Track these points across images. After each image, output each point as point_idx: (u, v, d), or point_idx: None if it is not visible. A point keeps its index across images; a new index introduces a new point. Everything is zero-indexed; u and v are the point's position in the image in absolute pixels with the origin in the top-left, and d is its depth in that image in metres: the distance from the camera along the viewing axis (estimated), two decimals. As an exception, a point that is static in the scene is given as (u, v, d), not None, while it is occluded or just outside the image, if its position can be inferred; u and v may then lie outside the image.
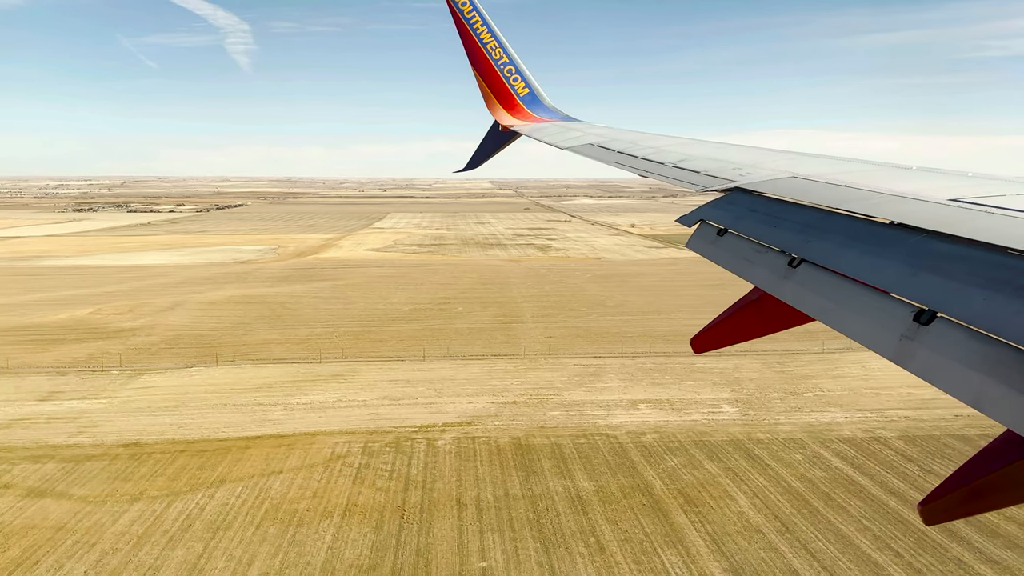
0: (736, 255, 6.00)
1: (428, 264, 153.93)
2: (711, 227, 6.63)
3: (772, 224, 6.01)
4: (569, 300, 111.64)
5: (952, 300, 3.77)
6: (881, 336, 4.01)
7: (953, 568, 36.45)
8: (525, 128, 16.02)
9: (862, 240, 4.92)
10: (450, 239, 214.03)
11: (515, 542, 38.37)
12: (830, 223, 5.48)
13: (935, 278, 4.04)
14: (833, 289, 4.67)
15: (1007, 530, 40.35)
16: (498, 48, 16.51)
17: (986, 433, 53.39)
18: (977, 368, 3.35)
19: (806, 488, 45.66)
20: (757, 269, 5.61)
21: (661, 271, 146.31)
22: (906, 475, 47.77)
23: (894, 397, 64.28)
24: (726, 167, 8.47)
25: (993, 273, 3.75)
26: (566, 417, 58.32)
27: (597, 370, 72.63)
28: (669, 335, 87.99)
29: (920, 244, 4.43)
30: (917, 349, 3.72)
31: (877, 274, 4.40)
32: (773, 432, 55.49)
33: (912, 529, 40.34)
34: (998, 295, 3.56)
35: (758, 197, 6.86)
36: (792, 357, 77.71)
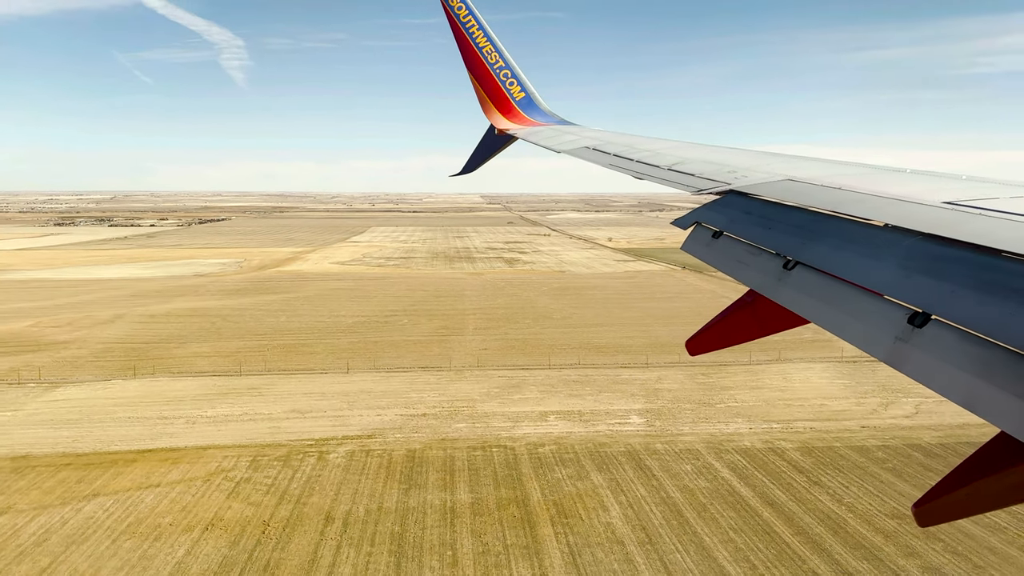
0: (731, 257, 6.02)
1: (388, 277, 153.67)
2: (706, 229, 6.65)
3: (767, 226, 6.03)
4: (516, 313, 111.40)
5: (946, 302, 3.76)
6: (875, 338, 4.01)
7: (803, 580, 36.14)
8: (521, 132, 16.04)
9: (857, 242, 4.92)
10: (421, 252, 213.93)
11: (369, 556, 37.94)
12: (825, 226, 5.49)
13: (929, 280, 4.04)
14: (827, 291, 4.67)
15: (872, 541, 40.07)
16: (494, 52, 16.55)
17: (887, 444, 53.33)
18: (971, 370, 3.35)
19: (684, 499, 45.32)
20: (752, 271, 5.62)
21: (619, 284, 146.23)
22: (790, 486, 47.45)
23: (806, 408, 64.10)
24: (721, 170, 8.46)
25: (987, 276, 3.75)
26: (470, 429, 57.95)
27: (520, 382, 72.31)
28: (605, 347, 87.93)
29: (914, 246, 4.44)
30: (911, 351, 3.72)
31: (871, 276, 4.40)
32: (672, 443, 55.19)
33: (776, 540, 40.05)
34: (992, 297, 3.55)
35: (753, 200, 6.86)
36: (718, 368, 77.49)
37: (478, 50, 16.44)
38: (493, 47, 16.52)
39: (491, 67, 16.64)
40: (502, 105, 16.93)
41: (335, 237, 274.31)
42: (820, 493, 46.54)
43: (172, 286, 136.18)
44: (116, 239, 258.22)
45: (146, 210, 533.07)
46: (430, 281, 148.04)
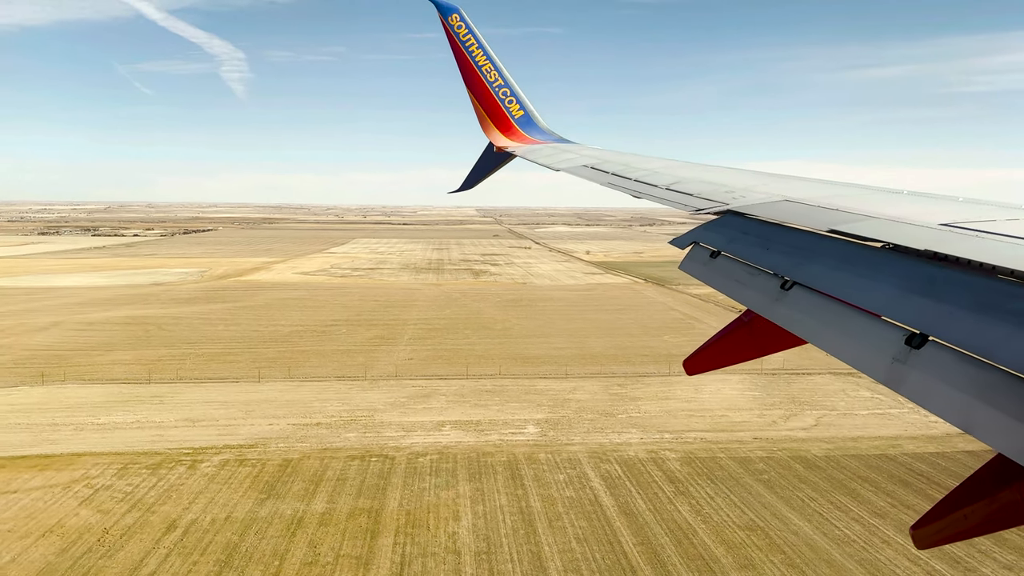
0: (729, 277, 5.99)
1: (346, 287, 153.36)
2: (704, 249, 6.65)
3: (764, 247, 6.03)
4: (459, 324, 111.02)
5: (943, 324, 3.76)
6: (872, 359, 4.00)
7: (623, 591, 35.62)
8: (520, 150, 16.12)
9: (854, 263, 4.92)
10: (392, 264, 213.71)
11: (193, 565, 37.42)
12: (822, 246, 5.49)
13: (926, 301, 4.04)
14: (825, 312, 4.66)
15: (712, 552, 39.56)
16: (493, 70, 16.65)
17: (773, 456, 52.91)
18: (968, 392, 3.33)
19: (543, 508, 44.82)
20: (749, 291, 5.60)
21: (575, 296, 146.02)
22: (656, 496, 46.96)
23: (706, 419, 63.67)
24: (719, 190, 8.50)
25: (984, 297, 3.75)
26: (359, 439, 57.47)
27: (432, 392, 71.87)
28: (533, 358, 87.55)
29: (911, 268, 4.44)
30: (908, 372, 3.71)
31: (869, 297, 4.39)
32: (556, 452, 54.70)
33: (616, 550, 39.55)
34: (989, 319, 3.55)
35: (751, 220, 6.88)
36: (635, 380, 77.14)
37: (477, 68, 16.58)
38: (492, 65, 16.67)
39: (490, 85, 16.78)
40: (501, 123, 17.06)
41: (313, 248, 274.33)
42: (682, 503, 46.04)
43: (124, 294, 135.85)
44: (93, 248, 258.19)
45: (136, 220, 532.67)
46: (386, 292, 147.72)
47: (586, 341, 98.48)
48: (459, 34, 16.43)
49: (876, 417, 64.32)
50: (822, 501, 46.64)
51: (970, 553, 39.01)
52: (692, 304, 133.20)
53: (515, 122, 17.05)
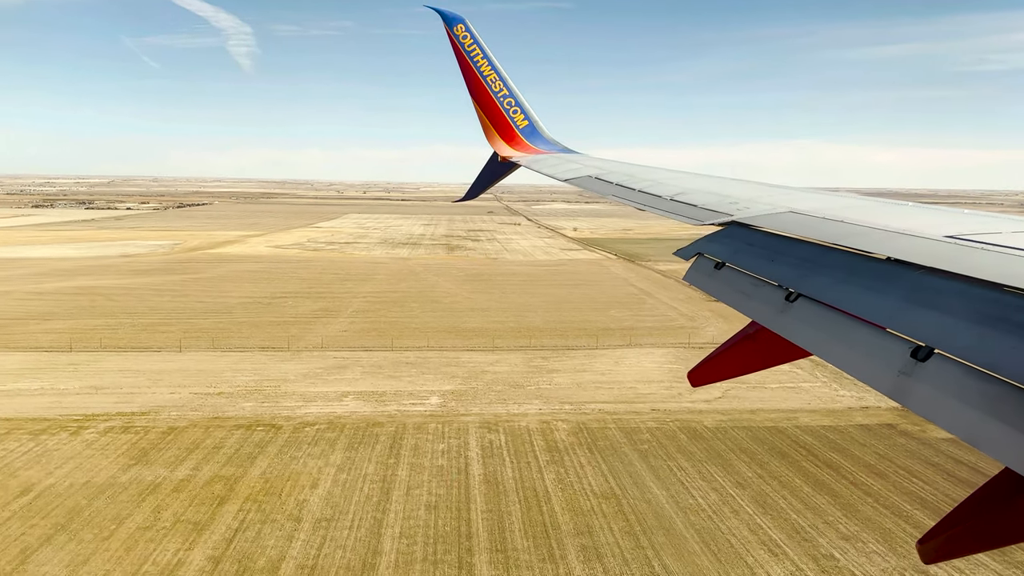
0: (733, 289, 6.00)
1: (312, 260, 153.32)
2: (708, 260, 6.66)
3: (769, 258, 6.03)
4: (408, 297, 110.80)
5: (949, 337, 3.76)
6: (878, 372, 4.00)
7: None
8: (524, 159, 16.28)
9: (859, 276, 4.91)
10: (371, 239, 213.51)
11: (30, 528, 37.56)
12: (827, 258, 5.48)
13: (932, 314, 4.04)
14: (830, 324, 4.66)
15: (556, 520, 39.39)
16: (498, 80, 16.77)
17: (662, 427, 52.66)
18: (974, 405, 3.33)
19: (408, 477, 44.76)
20: (754, 303, 5.61)
21: (538, 272, 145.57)
22: (527, 466, 46.79)
23: (613, 391, 63.41)
24: (723, 201, 8.48)
25: (990, 310, 3.74)
26: (253, 408, 57.48)
27: (351, 363, 71.78)
28: (469, 330, 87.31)
29: (917, 280, 4.44)
30: (914, 385, 3.71)
31: (874, 310, 4.38)
32: (448, 423, 54.56)
33: (461, 518, 39.41)
34: (995, 332, 3.55)
35: (755, 231, 6.89)
36: (562, 352, 76.91)
37: (482, 78, 16.67)
38: (497, 75, 16.76)
39: (495, 95, 16.87)
40: (505, 133, 17.14)
41: (301, 223, 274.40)
42: (551, 472, 45.87)
43: (86, 265, 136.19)
44: (80, 221, 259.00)
45: (135, 194, 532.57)
46: (350, 265, 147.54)
47: (529, 315, 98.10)
48: (464, 44, 16.54)
49: (785, 391, 63.83)
50: (690, 471, 46.37)
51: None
52: (652, 280, 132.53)
53: (519, 132, 17.18)
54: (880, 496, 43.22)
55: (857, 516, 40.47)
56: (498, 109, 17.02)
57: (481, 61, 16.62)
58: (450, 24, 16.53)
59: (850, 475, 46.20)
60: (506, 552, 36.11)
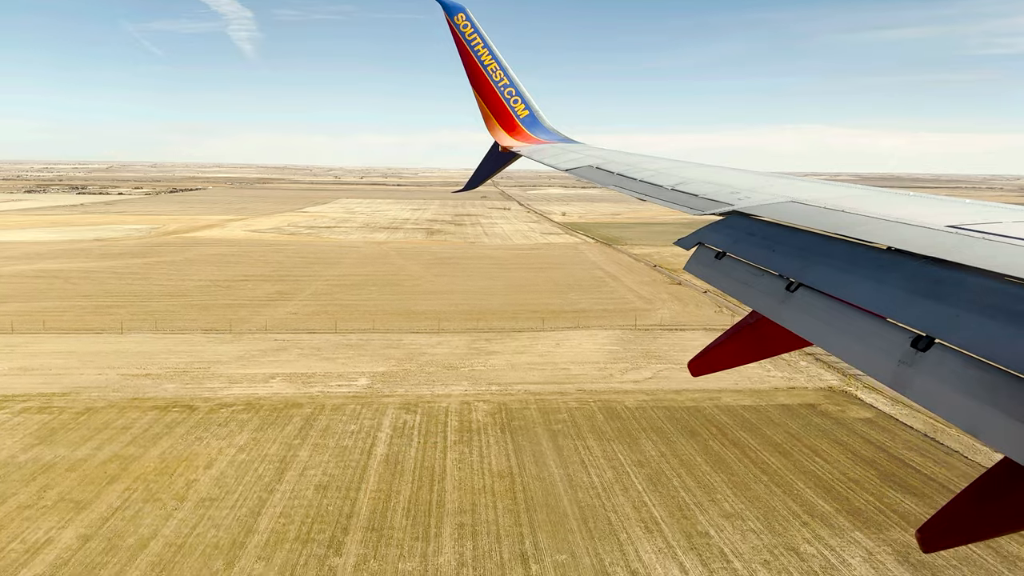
0: (734, 278, 6.01)
1: (284, 244, 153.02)
2: (709, 250, 6.66)
3: (770, 248, 6.04)
4: (370, 281, 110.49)
5: (950, 326, 3.76)
6: (878, 362, 4.00)
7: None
8: (524, 149, 16.28)
9: (860, 265, 4.92)
10: (354, 223, 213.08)
11: (-92, 506, 37.36)
12: (828, 248, 5.51)
13: (933, 304, 4.04)
14: (830, 314, 4.67)
15: (439, 497, 39.11)
16: (498, 70, 16.74)
17: (583, 407, 52.37)
18: (975, 395, 3.34)
19: (308, 457, 44.53)
20: (755, 293, 5.61)
21: (510, 255, 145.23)
22: (432, 446, 46.51)
23: (545, 372, 63.12)
24: (724, 191, 8.51)
25: (991, 300, 3.74)
26: (176, 390, 57.29)
27: (290, 345, 71.52)
28: (419, 313, 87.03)
29: (918, 270, 4.45)
30: (914, 375, 3.72)
31: (875, 299, 4.39)
32: (368, 404, 54.31)
33: (350, 497, 39.17)
34: (996, 322, 3.56)
35: (756, 221, 6.90)
36: (507, 334, 76.59)
37: (483, 68, 16.63)
38: (498, 64, 16.72)
39: (495, 85, 16.83)
40: (506, 122, 17.13)
41: (288, 207, 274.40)
42: (454, 452, 45.62)
43: (57, 249, 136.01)
44: (68, 206, 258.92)
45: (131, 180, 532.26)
46: (322, 249, 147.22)
47: (487, 298, 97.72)
48: (464, 34, 16.48)
49: (717, 372, 63.34)
50: (595, 450, 46.05)
51: (697, 503, 38.32)
52: (621, 264, 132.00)
53: (520, 122, 17.14)
54: (777, 474, 42.86)
55: (747, 494, 40.14)
56: (498, 99, 17.00)
57: (482, 50, 16.60)
58: (451, 13, 16.49)
59: (753, 454, 45.83)
60: (381, 531, 35.88)
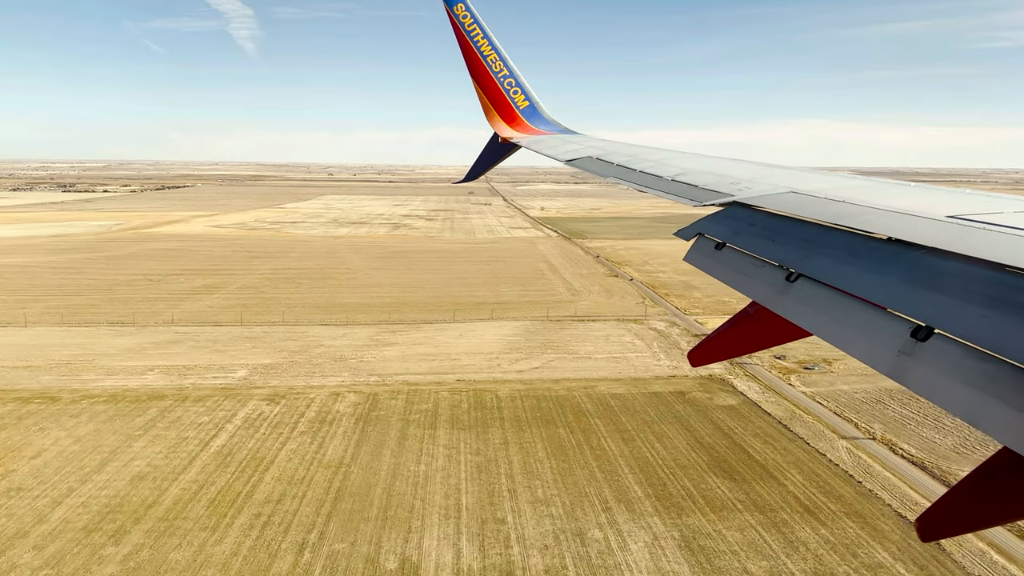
0: (734, 269, 5.97)
1: (239, 239, 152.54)
2: (709, 241, 6.61)
3: (770, 239, 6.01)
4: (305, 274, 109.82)
5: (950, 317, 3.75)
6: (878, 352, 3.97)
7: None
8: (524, 140, 16.18)
9: (860, 256, 4.91)
10: (324, 218, 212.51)
11: None
12: (828, 239, 5.48)
13: (933, 295, 4.03)
14: (830, 304, 4.66)
15: (256, 488, 38.30)
16: (498, 61, 16.59)
17: (452, 397, 51.52)
18: (974, 385, 3.33)
19: (140, 449, 43.79)
20: (755, 283, 5.58)
21: (463, 249, 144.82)
22: (276, 436, 45.82)
23: (433, 363, 62.52)
24: (724, 181, 8.38)
25: (991, 290, 3.73)
26: (50, 381, 56.72)
27: (187, 338, 70.86)
28: (340, 306, 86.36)
29: (918, 260, 4.43)
30: (914, 365, 3.70)
31: (875, 290, 4.37)
32: (235, 395, 53.61)
33: (159, 487, 38.40)
34: (996, 312, 3.55)
35: (756, 212, 6.84)
36: (417, 326, 76.07)
37: (482, 58, 16.46)
38: (497, 55, 16.55)
39: (495, 75, 16.69)
40: (506, 113, 17.00)
41: (266, 203, 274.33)
42: (295, 442, 44.93)
43: (9, 245, 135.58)
44: (46, 203, 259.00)
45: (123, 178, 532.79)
46: (274, 244, 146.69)
47: (417, 291, 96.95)
48: (464, 24, 16.29)
49: (609, 361, 62.68)
50: (441, 440, 45.27)
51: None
52: (569, 257, 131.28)
53: (520, 112, 16.98)
54: (608, 461, 42.05)
55: (567, 480, 39.34)
56: (498, 89, 16.78)
57: (481, 41, 16.38)
58: (450, 3, 16.26)
59: (597, 440, 45.00)
60: (173, 521, 35.14)
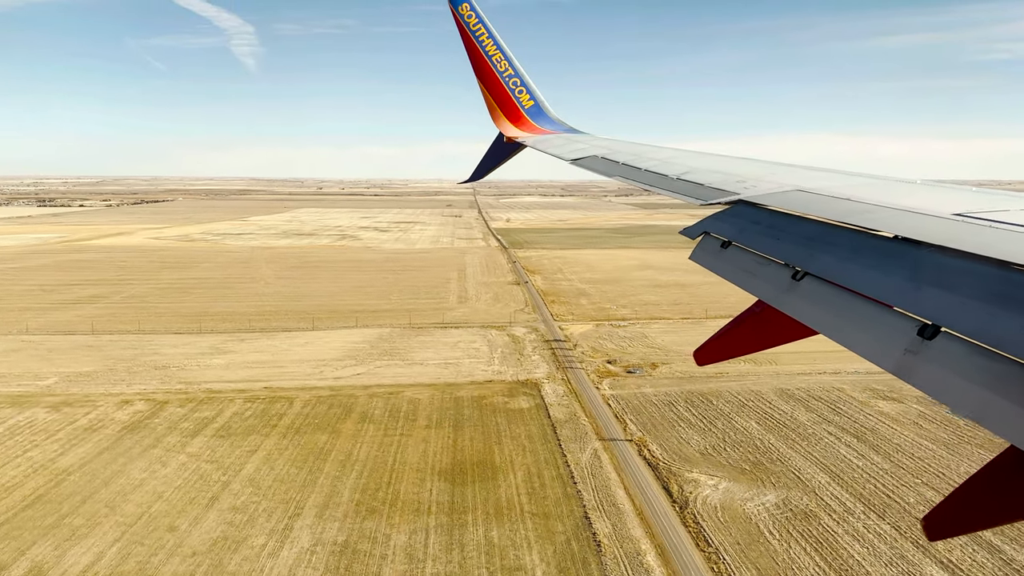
0: (739, 268, 5.91)
1: (165, 250, 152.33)
2: (714, 239, 6.55)
3: (776, 237, 5.95)
4: (200, 284, 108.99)
5: (956, 315, 3.74)
6: (884, 350, 3.94)
7: None
8: (529, 140, 16.02)
9: (866, 254, 4.87)
10: (276, 230, 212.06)
11: None
12: (834, 237, 5.43)
13: (939, 292, 4.00)
14: (836, 303, 4.61)
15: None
16: (503, 60, 16.48)
17: (251, 402, 50.34)
18: (980, 383, 3.32)
19: None
20: (760, 282, 5.52)
21: (388, 259, 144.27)
22: (53, 442, 44.54)
23: (254, 371, 61.53)
24: (730, 180, 8.33)
25: (997, 288, 3.70)
26: None
27: (23, 347, 69.70)
28: (212, 315, 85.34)
29: (924, 258, 4.38)
30: (920, 363, 3.69)
31: (881, 288, 4.32)
32: (21, 403, 52.32)
33: None
34: (1002, 310, 3.52)
35: (762, 210, 6.79)
36: (269, 335, 74.94)
37: (487, 58, 16.32)
38: (502, 54, 16.43)
39: (500, 75, 16.55)
40: (511, 113, 16.85)
41: (231, 216, 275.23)
42: (37, 450, 43.52)
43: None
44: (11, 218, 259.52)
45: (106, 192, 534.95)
46: (199, 253, 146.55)
47: (300, 300, 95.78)
48: (469, 23, 16.15)
49: (437, 367, 61.70)
50: (195, 446, 44.23)
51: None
52: (488, 266, 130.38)
53: (525, 112, 16.82)
54: (345, 465, 41.01)
55: (279, 488, 38.00)
56: (503, 89, 16.61)
57: (486, 41, 16.19)
58: (455, 3, 16.10)
59: (350, 446, 44.12)
60: None
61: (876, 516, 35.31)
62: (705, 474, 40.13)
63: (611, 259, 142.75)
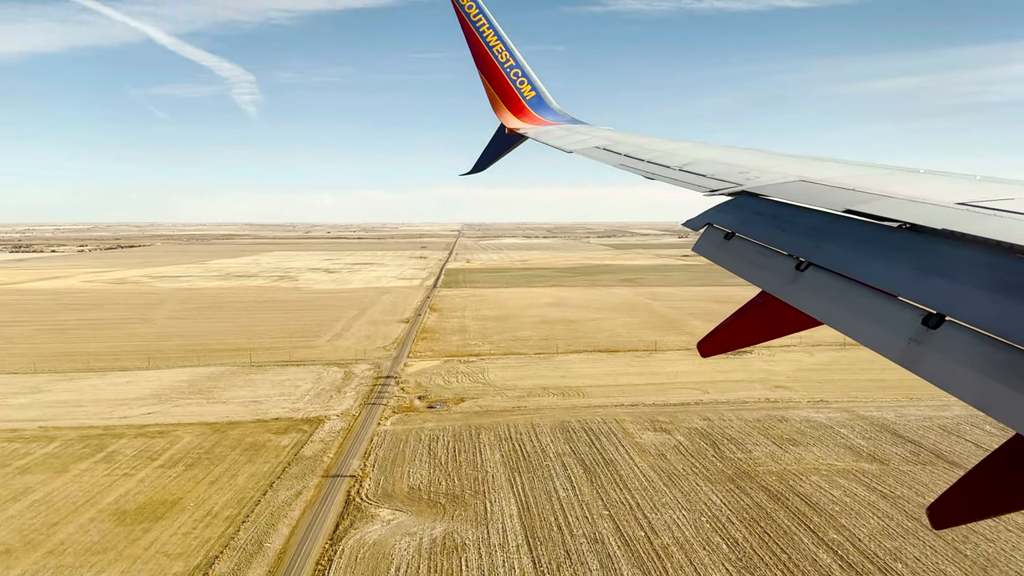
0: (743, 259, 5.91)
1: (87, 292, 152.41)
2: (718, 231, 6.57)
3: (779, 227, 5.95)
4: (95, 323, 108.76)
5: (961, 303, 3.71)
6: (889, 340, 3.91)
7: None
8: (531, 131, 15.95)
9: (870, 243, 4.83)
10: (222, 272, 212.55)
11: None
12: (838, 227, 5.42)
13: (944, 281, 3.97)
14: (841, 293, 4.58)
15: None
16: (504, 51, 16.45)
17: (108, 435, 49.21)
18: (985, 372, 3.32)
19: None
20: (764, 273, 5.52)
21: (301, 299, 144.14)
22: None
23: (44, 411, 60.23)
24: (732, 170, 8.32)
25: (1002, 276, 3.69)
26: None
27: None
28: (80, 354, 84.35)
29: (928, 247, 4.37)
30: (925, 353, 3.66)
31: (885, 277, 4.30)
32: None
33: None
34: (1007, 298, 3.51)
35: (765, 201, 6.77)
36: (98, 374, 73.86)
37: (488, 49, 16.28)
38: (503, 46, 16.41)
39: (501, 66, 16.53)
40: (512, 104, 16.80)
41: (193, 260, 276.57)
42: None
43: None
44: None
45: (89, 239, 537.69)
46: (116, 295, 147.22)
47: (167, 340, 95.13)
48: (470, 14, 16.12)
49: (239, 405, 60.88)
50: (66, 457, 43.07)
51: None
52: (393, 308, 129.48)
53: (527, 103, 16.76)
54: (20, 500, 39.30)
55: None
56: (504, 80, 16.50)
57: (487, 32, 16.11)
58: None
59: (53, 481, 42.70)
60: None
61: (527, 549, 33.94)
62: (391, 509, 38.83)
63: (527, 297, 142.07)
